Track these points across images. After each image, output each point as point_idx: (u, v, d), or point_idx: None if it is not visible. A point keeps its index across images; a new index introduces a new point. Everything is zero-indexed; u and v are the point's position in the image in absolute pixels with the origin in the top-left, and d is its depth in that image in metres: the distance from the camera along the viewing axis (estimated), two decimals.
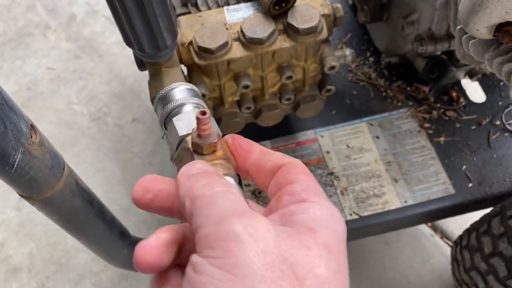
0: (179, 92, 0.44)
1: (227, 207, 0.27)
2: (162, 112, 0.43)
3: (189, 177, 0.30)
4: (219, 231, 0.26)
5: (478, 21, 0.56)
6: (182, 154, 0.36)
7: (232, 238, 0.25)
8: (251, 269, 0.24)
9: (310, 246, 0.26)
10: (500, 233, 0.76)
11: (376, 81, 1.04)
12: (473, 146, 0.94)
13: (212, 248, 0.26)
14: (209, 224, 0.26)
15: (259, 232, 0.26)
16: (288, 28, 0.69)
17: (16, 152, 0.43)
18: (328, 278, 0.26)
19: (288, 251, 0.26)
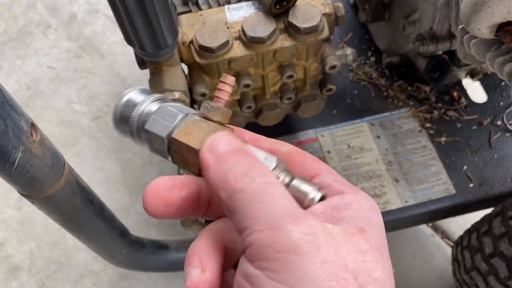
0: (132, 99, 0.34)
1: (278, 208, 0.25)
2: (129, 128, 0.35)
3: (219, 159, 0.27)
4: (276, 241, 0.24)
5: (479, 21, 0.56)
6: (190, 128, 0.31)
7: (293, 250, 0.24)
8: (316, 282, 0.23)
9: (366, 250, 0.26)
10: (501, 234, 0.75)
11: (377, 80, 1.04)
12: (474, 146, 0.94)
13: (269, 260, 0.24)
14: (260, 229, 0.24)
15: (319, 240, 0.24)
16: (289, 27, 0.69)
17: (16, 151, 0.43)
18: (385, 281, 0.26)
19: (347, 257, 0.25)
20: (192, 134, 0.30)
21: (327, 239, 0.25)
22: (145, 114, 0.33)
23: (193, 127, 0.31)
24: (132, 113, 0.33)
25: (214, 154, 0.27)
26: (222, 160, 0.27)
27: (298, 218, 0.25)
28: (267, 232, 0.24)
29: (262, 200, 0.25)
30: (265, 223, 0.24)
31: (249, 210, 0.25)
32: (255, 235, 0.24)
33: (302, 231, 0.24)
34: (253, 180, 0.26)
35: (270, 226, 0.24)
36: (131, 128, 0.34)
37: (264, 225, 0.24)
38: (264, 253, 0.24)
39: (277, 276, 0.23)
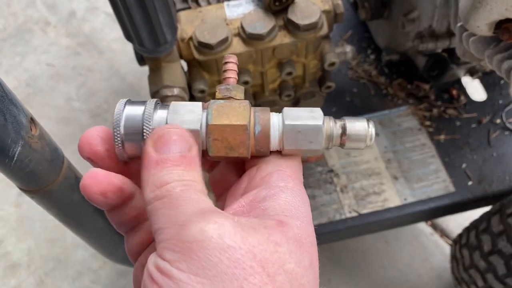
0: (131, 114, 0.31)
1: (189, 208, 0.26)
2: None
3: (159, 162, 0.27)
4: (180, 234, 0.25)
5: (478, 18, 0.56)
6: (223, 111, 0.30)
7: (194, 238, 0.24)
8: (219, 268, 0.23)
9: (279, 241, 0.25)
10: (499, 231, 0.76)
11: (377, 78, 1.04)
12: (473, 144, 0.94)
13: (174, 251, 0.24)
14: (169, 227, 0.25)
15: (225, 227, 0.25)
16: (288, 24, 0.69)
17: (16, 145, 0.42)
18: (299, 274, 0.25)
19: (256, 246, 0.25)
20: (229, 114, 0.30)
21: (235, 229, 0.25)
22: (159, 119, 0.31)
23: (224, 109, 0.31)
24: (144, 126, 0.30)
25: (158, 152, 0.28)
26: (161, 165, 0.27)
27: (205, 214, 0.25)
28: (174, 228, 0.25)
29: (176, 204, 0.26)
30: (175, 221, 0.25)
31: (163, 213, 0.26)
32: (164, 232, 0.25)
33: (207, 221, 0.25)
34: (174, 188, 0.27)
35: (178, 223, 0.25)
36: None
37: (173, 223, 0.25)
38: (170, 246, 0.25)
39: (182, 265, 0.24)
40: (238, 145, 0.30)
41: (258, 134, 0.31)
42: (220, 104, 0.31)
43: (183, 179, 0.27)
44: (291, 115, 0.31)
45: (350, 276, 1.13)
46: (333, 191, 0.90)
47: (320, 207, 0.88)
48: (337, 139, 0.31)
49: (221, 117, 0.30)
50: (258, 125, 0.31)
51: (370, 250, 1.16)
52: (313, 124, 0.30)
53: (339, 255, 1.16)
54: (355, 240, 1.16)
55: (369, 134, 0.31)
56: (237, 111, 0.30)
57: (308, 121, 0.31)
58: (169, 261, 0.24)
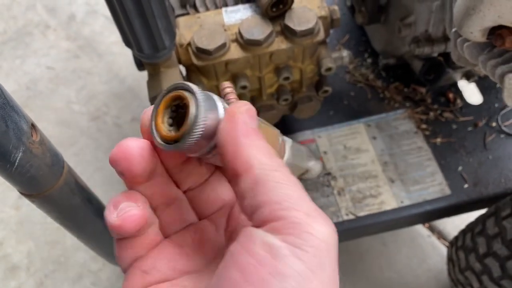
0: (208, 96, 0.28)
1: (307, 199, 0.25)
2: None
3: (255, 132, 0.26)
4: (310, 226, 0.24)
5: (471, 25, 0.57)
6: None
7: (325, 237, 0.24)
8: (327, 274, 0.24)
9: None
10: (494, 234, 0.76)
11: (374, 82, 1.04)
12: (469, 147, 0.95)
13: (302, 239, 0.23)
14: (296, 209, 0.24)
15: (335, 239, 0.25)
16: (285, 30, 0.70)
17: (17, 151, 0.43)
18: None
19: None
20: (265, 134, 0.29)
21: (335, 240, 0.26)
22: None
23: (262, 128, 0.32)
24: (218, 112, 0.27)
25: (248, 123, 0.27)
26: (259, 136, 0.27)
27: (320, 212, 0.25)
28: (303, 214, 0.24)
29: (294, 185, 0.25)
30: (301, 206, 0.24)
31: (286, 189, 0.25)
32: (289, 211, 0.24)
33: (329, 225, 0.25)
34: (281, 166, 0.26)
35: (305, 211, 0.24)
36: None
37: (300, 207, 0.24)
38: (299, 231, 0.24)
39: (305, 256, 0.23)
40: None
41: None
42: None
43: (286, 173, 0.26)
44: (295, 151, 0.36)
45: (347, 278, 1.14)
46: (330, 194, 0.91)
47: None
48: None
49: None
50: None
51: (367, 252, 1.17)
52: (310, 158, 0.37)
53: None
54: (352, 243, 1.17)
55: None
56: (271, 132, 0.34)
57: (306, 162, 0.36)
58: (293, 245, 0.23)
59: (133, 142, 0.29)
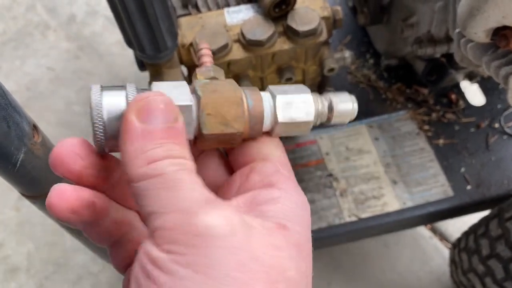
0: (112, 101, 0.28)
1: (192, 195, 0.23)
2: None
3: (146, 133, 0.24)
4: (186, 224, 0.22)
5: (475, 25, 0.57)
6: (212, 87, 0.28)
7: (202, 232, 0.22)
8: (224, 269, 0.22)
9: (281, 245, 0.24)
10: (497, 235, 0.76)
11: (376, 83, 1.04)
12: (472, 148, 0.95)
13: (176, 243, 0.22)
14: (170, 212, 0.23)
15: (232, 225, 0.23)
16: (287, 30, 0.70)
17: (19, 152, 0.43)
18: (297, 281, 0.24)
19: (259, 249, 0.23)
20: (219, 90, 0.28)
21: (241, 228, 0.23)
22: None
23: (212, 86, 0.28)
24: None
25: (142, 122, 0.24)
26: (148, 137, 0.24)
27: (211, 204, 0.24)
28: (177, 215, 0.23)
29: (175, 186, 0.23)
30: (176, 207, 0.23)
31: (160, 195, 0.23)
32: (164, 217, 0.23)
33: (216, 215, 0.23)
34: (167, 167, 0.24)
35: (180, 209, 0.23)
36: None
37: (174, 208, 0.23)
38: (172, 236, 0.22)
39: (182, 259, 0.22)
40: (234, 119, 0.28)
41: (252, 109, 0.29)
42: (206, 82, 0.29)
43: (175, 156, 0.24)
44: (279, 90, 0.30)
45: (349, 280, 1.13)
46: (332, 195, 0.90)
47: (320, 211, 0.88)
48: (324, 115, 0.32)
49: (212, 92, 0.28)
50: (250, 99, 0.29)
51: (369, 254, 1.17)
52: (303, 95, 0.30)
53: (338, 259, 1.16)
54: (354, 244, 1.17)
55: (354, 110, 0.32)
56: (227, 86, 0.29)
57: (297, 93, 0.30)
58: (169, 252, 0.22)
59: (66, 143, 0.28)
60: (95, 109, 0.27)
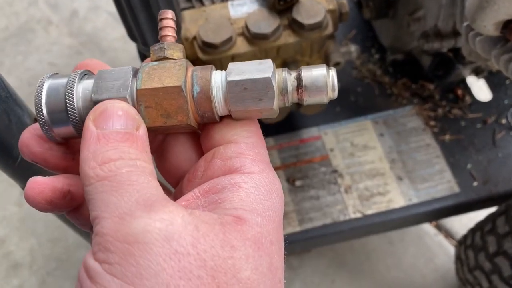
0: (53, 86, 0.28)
1: (133, 196, 0.22)
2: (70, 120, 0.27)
3: (100, 138, 0.24)
4: (119, 229, 0.21)
5: (485, 18, 0.56)
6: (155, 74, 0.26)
7: (135, 239, 0.20)
8: (160, 278, 0.20)
9: (236, 244, 0.22)
10: (505, 232, 0.75)
11: (381, 78, 1.03)
12: (478, 144, 0.94)
13: (109, 251, 0.21)
14: (107, 217, 0.21)
15: (174, 227, 0.21)
16: (293, 24, 0.69)
17: None
18: (254, 282, 0.22)
19: (207, 251, 0.21)
20: (162, 76, 0.26)
21: (186, 229, 0.21)
22: (83, 91, 0.27)
23: (157, 71, 0.26)
24: (68, 99, 0.26)
25: (99, 127, 0.24)
26: (103, 140, 0.24)
27: (153, 205, 0.22)
28: (113, 220, 0.21)
29: (120, 188, 0.22)
30: (114, 210, 0.21)
31: (103, 198, 0.22)
32: (101, 223, 0.22)
33: (154, 218, 0.21)
34: (118, 169, 0.23)
35: (119, 214, 0.21)
36: (73, 117, 0.26)
37: (113, 213, 0.21)
38: (105, 243, 0.21)
39: (115, 270, 0.20)
40: (175, 110, 0.26)
41: (197, 96, 0.26)
42: (152, 67, 0.27)
43: (130, 158, 0.23)
44: (236, 70, 0.26)
45: (354, 277, 1.13)
46: (337, 191, 0.89)
47: (324, 207, 0.87)
48: (293, 93, 0.27)
49: (152, 80, 0.26)
50: (196, 85, 0.26)
51: (374, 251, 1.16)
52: (261, 77, 0.26)
53: (343, 256, 1.15)
54: (359, 241, 1.16)
55: (329, 83, 0.26)
56: (171, 72, 0.26)
57: (255, 75, 0.26)
58: (102, 262, 0.21)
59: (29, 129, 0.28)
60: (36, 99, 0.27)
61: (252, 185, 0.25)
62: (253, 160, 0.26)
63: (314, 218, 0.86)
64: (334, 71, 0.27)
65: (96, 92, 0.26)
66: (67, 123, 0.27)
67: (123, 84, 0.26)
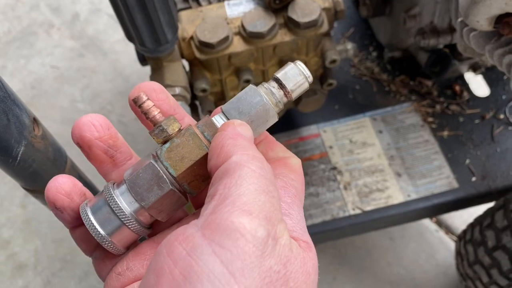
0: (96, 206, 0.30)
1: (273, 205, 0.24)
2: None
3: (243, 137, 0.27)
4: (244, 224, 0.22)
5: (478, 13, 0.56)
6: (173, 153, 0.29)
7: (257, 241, 0.22)
8: (254, 280, 0.21)
9: (311, 272, 0.24)
10: (503, 227, 0.75)
11: (379, 75, 1.03)
12: (477, 140, 0.94)
13: (226, 236, 0.22)
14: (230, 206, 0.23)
15: (278, 246, 0.23)
16: (288, 22, 0.69)
17: (19, 145, 0.43)
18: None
19: (293, 273, 0.23)
20: (185, 155, 0.28)
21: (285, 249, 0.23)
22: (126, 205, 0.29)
23: (178, 153, 0.29)
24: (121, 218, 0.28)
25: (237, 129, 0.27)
26: (248, 140, 0.27)
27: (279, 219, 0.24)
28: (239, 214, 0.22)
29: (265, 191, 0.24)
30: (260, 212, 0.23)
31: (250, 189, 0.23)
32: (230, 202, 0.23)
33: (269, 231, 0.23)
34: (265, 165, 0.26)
35: (264, 216, 0.23)
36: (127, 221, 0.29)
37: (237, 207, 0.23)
38: (226, 228, 0.22)
39: (224, 255, 0.21)
40: (203, 177, 0.29)
41: None
42: (167, 150, 0.29)
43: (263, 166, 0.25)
44: (234, 111, 0.30)
45: (355, 273, 1.13)
46: (336, 188, 0.90)
47: (324, 204, 0.88)
48: (283, 97, 0.30)
49: (180, 163, 0.28)
50: (209, 136, 0.29)
51: (375, 247, 1.16)
52: (259, 107, 0.29)
53: (344, 252, 1.16)
54: (360, 238, 1.16)
55: (302, 71, 0.30)
56: (190, 145, 0.29)
57: (252, 109, 0.29)
58: (213, 242, 0.22)
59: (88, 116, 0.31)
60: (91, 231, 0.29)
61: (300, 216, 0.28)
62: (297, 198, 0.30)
63: (314, 215, 0.87)
64: (300, 62, 0.31)
65: (142, 200, 0.28)
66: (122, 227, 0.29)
67: (157, 179, 0.28)
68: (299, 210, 0.28)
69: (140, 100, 0.31)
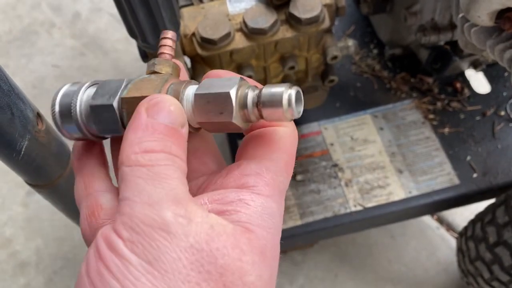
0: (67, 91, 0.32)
1: (165, 189, 0.24)
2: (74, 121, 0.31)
3: (149, 126, 0.26)
4: (147, 214, 0.23)
5: (479, 8, 0.56)
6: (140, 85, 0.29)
7: (160, 226, 0.23)
8: (176, 266, 0.22)
9: (245, 249, 0.24)
10: (504, 222, 0.76)
11: (380, 73, 1.04)
12: (478, 136, 0.94)
13: (134, 231, 0.23)
14: (138, 201, 0.24)
15: (192, 225, 0.23)
16: (290, 18, 0.70)
17: (23, 139, 0.43)
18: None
19: (220, 250, 0.23)
20: (144, 87, 0.29)
21: (203, 227, 0.23)
22: (87, 97, 0.30)
23: (143, 83, 0.29)
24: (72, 102, 0.30)
25: (150, 116, 0.26)
26: (150, 130, 0.26)
27: (180, 201, 0.24)
28: (143, 205, 0.23)
29: (156, 179, 0.24)
30: (147, 198, 0.24)
31: (138, 183, 0.24)
32: (131, 205, 0.24)
33: (177, 212, 0.23)
34: (158, 161, 0.25)
35: (150, 201, 0.23)
36: (76, 119, 0.30)
37: (144, 199, 0.24)
38: (131, 224, 0.23)
39: (137, 249, 0.23)
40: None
41: None
42: (141, 79, 0.30)
43: (171, 153, 0.25)
44: (205, 85, 0.28)
45: (356, 271, 1.13)
46: (337, 185, 0.90)
47: (325, 201, 0.88)
48: (254, 109, 0.27)
49: (135, 90, 0.29)
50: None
51: (376, 245, 1.16)
52: (222, 91, 0.27)
53: (345, 250, 1.16)
54: (361, 235, 1.16)
55: (285, 100, 0.26)
56: (152, 83, 0.29)
57: (218, 89, 0.27)
58: (125, 240, 0.23)
59: None
60: (52, 100, 0.31)
61: (259, 204, 0.26)
62: (267, 184, 0.27)
63: (315, 212, 0.87)
64: (295, 91, 0.27)
65: (93, 98, 0.29)
66: (72, 123, 0.30)
67: (115, 92, 0.29)
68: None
69: (164, 34, 0.31)
